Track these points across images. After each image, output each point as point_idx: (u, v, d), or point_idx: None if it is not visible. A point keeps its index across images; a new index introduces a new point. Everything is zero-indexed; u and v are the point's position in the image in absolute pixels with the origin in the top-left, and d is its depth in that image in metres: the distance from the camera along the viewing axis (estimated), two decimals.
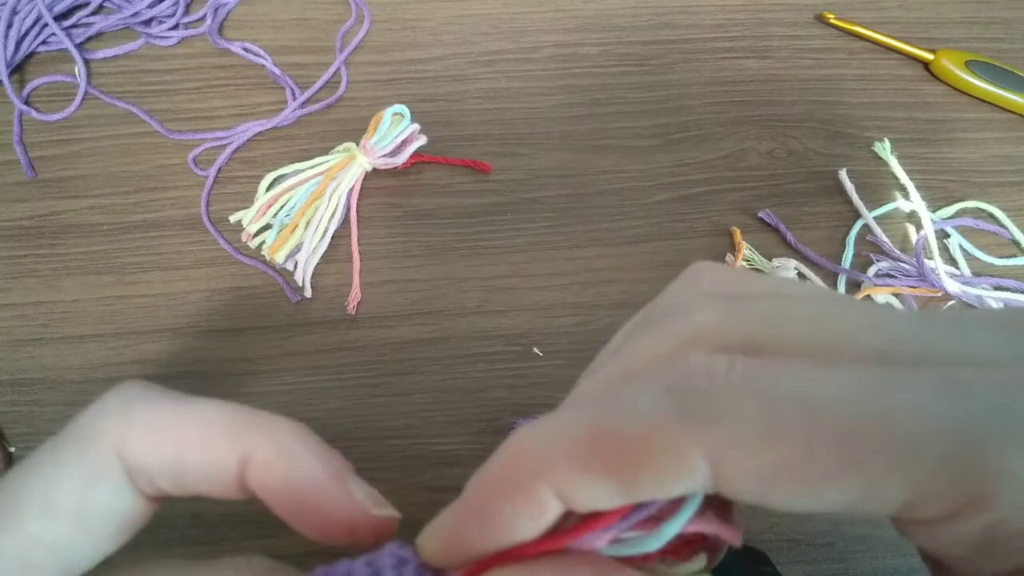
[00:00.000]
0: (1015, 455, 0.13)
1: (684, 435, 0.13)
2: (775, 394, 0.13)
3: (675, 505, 0.15)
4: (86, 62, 0.46)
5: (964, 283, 0.43)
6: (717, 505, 0.15)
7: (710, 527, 0.15)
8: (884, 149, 0.46)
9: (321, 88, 0.47)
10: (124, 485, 0.17)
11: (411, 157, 0.43)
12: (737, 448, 0.13)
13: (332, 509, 0.18)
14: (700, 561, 0.16)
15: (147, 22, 0.48)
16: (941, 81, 0.49)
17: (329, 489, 0.18)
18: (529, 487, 0.14)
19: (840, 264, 0.44)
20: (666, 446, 0.13)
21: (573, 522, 0.15)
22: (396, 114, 0.43)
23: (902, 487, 0.13)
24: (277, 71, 0.47)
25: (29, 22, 0.46)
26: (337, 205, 0.42)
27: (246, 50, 0.47)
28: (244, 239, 0.41)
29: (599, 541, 0.15)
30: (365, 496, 0.18)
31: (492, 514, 0.15)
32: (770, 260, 0.43)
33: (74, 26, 0.47)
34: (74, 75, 0.46)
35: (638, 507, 0.14)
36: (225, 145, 0.45)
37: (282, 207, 0.41)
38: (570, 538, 0.14)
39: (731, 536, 0.15)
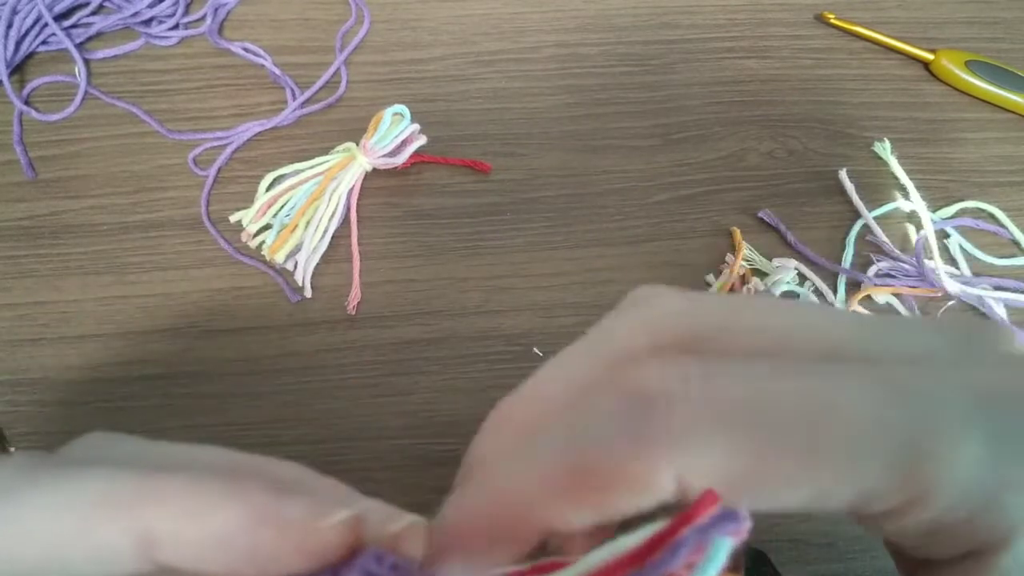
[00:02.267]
0: (950, 452, 0.13)
1: (650, 458, 0.14)
2: (729, 402, 0.14)
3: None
4: (86, 62, 0.46)
5: (964, 283, 0.43)
6: None
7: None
8: (884, 149, 0.46)
9: (321, 88, 0.47)
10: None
11: (411, 157, 0.43)
12: (700, 463, 0.14)
13: (273, 548, 0.14)
14: None
15: (147, 22, 0.48)
16: (941, 81, 0.49)
17: (258, 527, 0.14)
18: (522, 524, 0.15)
19: (840, 264, 0.43)
20: (635, 470, 0.14)
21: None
22: (396, 114, 0.43)
23: (851, 486, 0.14)
24: (277, 71, 0.47)
25: (29, 22, 0.46)
26: (337, 205, 0.42)
27: (246, 50, 0.47)
28: (244, 239, 0.41)
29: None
30: (305, 511, 0.14)
31: (475, 545, 0.16)
32: (770, 260, 0.43)
33: (74, 26, 0.47)
34: (74, 75, 0.46)
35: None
36: (225, 145, 0.45)
37: (282, 207, 0.41)
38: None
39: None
